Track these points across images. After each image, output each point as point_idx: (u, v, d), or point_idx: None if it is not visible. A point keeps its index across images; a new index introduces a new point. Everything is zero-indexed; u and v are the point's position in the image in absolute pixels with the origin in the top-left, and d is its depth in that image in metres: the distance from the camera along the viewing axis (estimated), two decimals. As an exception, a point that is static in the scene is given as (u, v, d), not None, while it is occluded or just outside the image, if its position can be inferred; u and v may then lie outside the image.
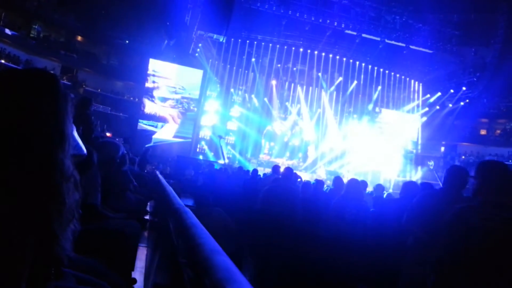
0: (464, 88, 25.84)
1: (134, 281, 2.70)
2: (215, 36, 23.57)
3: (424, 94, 27.60)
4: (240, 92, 25.82)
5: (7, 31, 24.45)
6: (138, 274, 3.04)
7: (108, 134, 24.41)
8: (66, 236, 1.01)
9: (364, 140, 25.01)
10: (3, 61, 23.84)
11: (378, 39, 23.76)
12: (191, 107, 24.99)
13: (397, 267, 3.20)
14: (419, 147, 27.16)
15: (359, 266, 3.91)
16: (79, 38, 29.64)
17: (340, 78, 26.09)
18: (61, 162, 0.99)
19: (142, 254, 3.60)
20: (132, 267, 2.73)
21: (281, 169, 20.44)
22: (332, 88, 26.43)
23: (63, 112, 1.06)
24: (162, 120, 24.66)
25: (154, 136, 24.08)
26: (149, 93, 24.67)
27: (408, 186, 4.28)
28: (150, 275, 2.95)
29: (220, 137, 20.93)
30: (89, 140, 5.17)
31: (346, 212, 4.21)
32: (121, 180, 3.87)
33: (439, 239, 2.21)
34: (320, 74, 25.92)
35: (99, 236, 2.32)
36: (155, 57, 25.58)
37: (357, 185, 4.61)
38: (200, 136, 25.10)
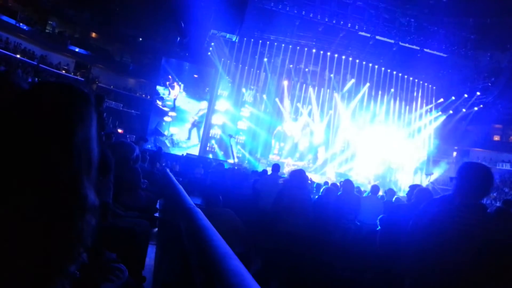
0: (478, 93, 25.46)
1: (144, 279, 2.71)
2: (228, 35, 23.59)
3: (437, 98, 27.22)
4: (251, 92, 25.79)
5: (23, 26, 24.80)
6: (147, 272, 3.05)
7: (119, 131, 24.64)
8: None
9: (375, 143, 24.81)
10: (18, 55, 24.22)
11: (392, 41, 23.49)
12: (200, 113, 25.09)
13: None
14: (431, 149, 26.85)
15: (367, 271, 3.88)
16: (93, 34, 30.00)
17: (353, 80, 25.91)
18: (85, 197, 0.85)
19: (151, 252, 3.62)
20: (142, 266, 2.74)
21: (286, 168, 20.17)
22: (345, 89, 26.27)
23: (94, 136, 0.91)
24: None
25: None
26: (160, 95, 24.77)
27: (422, 192, 4.18)
28: (160, 274, 2.96)
29: (231, 136, 20.91)
30: (100, 136, 5.24)
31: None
32: (133, 178, 3.90)
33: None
34: (332, 75, 25.77)
35: (110, 234, 2.34)
36: (168, 55, 25.72)
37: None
38: (210, 135, 25.15)
